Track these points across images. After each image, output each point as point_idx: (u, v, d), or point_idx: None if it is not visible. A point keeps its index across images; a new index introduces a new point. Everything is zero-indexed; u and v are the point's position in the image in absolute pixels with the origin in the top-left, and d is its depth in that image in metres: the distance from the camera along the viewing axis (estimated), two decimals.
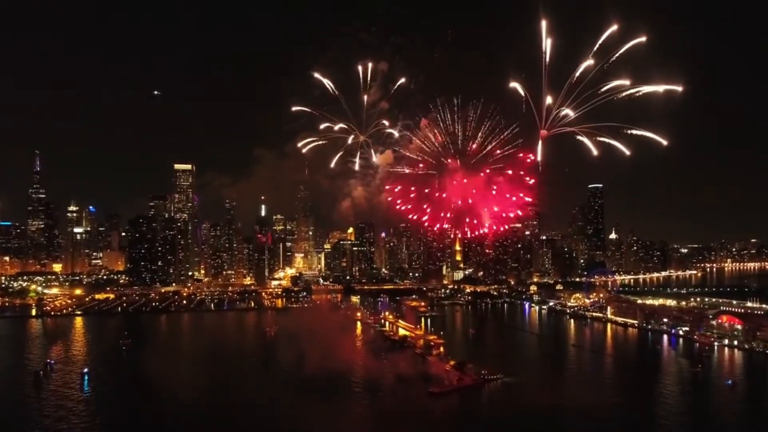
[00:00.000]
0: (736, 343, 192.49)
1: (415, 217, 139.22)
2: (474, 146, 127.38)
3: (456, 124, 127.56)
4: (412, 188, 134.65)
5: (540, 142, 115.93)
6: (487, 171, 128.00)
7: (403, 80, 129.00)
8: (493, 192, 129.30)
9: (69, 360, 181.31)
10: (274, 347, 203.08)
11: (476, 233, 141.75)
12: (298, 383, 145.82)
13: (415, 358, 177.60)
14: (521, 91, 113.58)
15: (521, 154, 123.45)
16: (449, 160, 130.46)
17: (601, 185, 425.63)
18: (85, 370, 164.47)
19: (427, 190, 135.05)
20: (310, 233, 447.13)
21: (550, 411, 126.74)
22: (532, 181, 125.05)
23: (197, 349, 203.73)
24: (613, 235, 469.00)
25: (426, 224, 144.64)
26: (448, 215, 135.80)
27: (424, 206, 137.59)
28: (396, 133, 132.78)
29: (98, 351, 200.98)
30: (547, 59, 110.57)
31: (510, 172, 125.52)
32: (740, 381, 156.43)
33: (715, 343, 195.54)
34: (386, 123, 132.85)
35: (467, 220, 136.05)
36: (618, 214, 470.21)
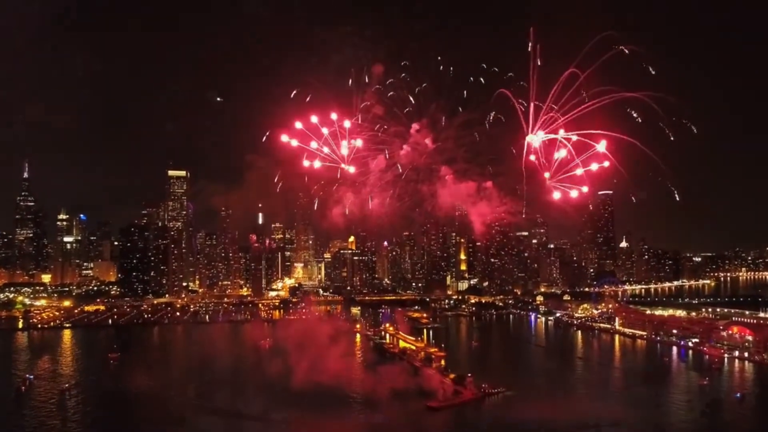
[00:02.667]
0: (746, 354, 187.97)
1: None
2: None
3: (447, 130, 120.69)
4: None
5: (525, 147, 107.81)
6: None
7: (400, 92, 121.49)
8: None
9: (53, 375, 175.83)
10: (267, 360, 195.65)
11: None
12: (291, 398, 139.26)
13: (414, 371, 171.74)
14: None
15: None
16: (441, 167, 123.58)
17: (611, 191, 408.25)
18: (66, 385, 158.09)
19: None
20: (310, 242, 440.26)
21: (553, 426, 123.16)
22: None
23: (188, 363, 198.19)
24: (623, 244, 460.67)
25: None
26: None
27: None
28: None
29: (85, 365, 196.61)
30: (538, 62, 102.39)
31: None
32: (750, 394, 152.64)
33: (726, 355, 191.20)
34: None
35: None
36: (629, 222, 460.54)
